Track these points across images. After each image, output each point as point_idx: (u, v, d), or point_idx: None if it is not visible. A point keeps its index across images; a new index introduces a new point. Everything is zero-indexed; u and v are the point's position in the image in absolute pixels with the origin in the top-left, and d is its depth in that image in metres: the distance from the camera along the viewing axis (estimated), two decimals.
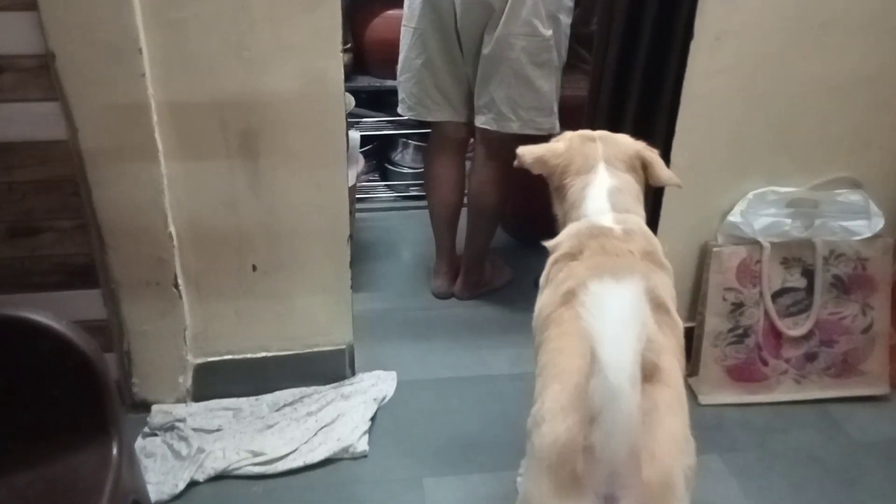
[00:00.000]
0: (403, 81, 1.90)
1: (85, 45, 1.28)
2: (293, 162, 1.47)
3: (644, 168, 1.19)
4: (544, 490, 0.80)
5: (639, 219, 1.14)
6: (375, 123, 2.65)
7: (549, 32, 1.71)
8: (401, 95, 1.94)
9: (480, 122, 1.83)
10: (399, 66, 1.91)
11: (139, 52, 1.31)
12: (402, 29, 1.87)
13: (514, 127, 1.77)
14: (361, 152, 2.53)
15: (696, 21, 1.48)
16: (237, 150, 1.44)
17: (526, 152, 1.20)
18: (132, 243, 1.45)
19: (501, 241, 2.36)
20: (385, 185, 2.75)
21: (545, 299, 1.05)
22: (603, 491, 0.76)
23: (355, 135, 2.34)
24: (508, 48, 1.70)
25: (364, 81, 2.55)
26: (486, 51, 1.74)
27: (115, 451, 0.90)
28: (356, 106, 2.42)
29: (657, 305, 0.95)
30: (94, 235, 1.43)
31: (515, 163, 1.22)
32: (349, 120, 2.37)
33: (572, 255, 1.06)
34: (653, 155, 1.19)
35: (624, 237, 1.06)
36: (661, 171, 1.19)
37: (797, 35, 1.53)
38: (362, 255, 2.31)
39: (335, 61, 1.39)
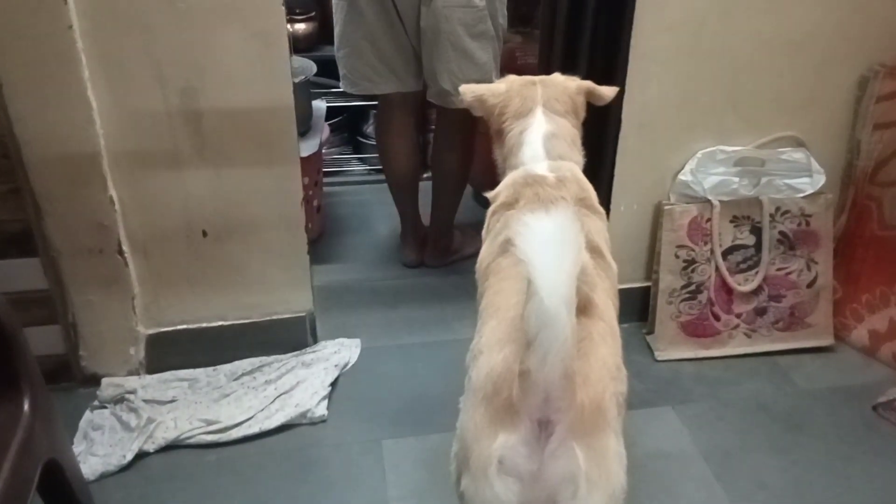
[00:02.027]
0: (343, 57, 1.73)
1: None
2: (239, 120, 1.32)
3: (588, 101, 1.15)
4: (479, 420, 0.74)
5: (573, 165, 1.08)
6: (346, 95, 2.44)
7: (482, 2, 1.58)
8: (342, 71, 1.76)
9: (429, 95, 1.72)
10: (336, 41, 1.73)
11: (64, 2, 1.15)
12: (334, 2, 1.69)
13: (457, 102, 1.65)
14: (331, 124, 2.36)
15: None
16: (178, 108, 1.28)
17: (467, 90, 1.15)
18: (70, 208, 1.29)
19: (472, 209, 2.21)
20: (357, 158, 2.57)
21: (485, 251, 1.02)
22: (537, 416, 0.71)
23: (321, 104, 2.17)
24: (444, 20, 1.57)
25: (332, 51, 2.33)
26: (423, 23, 1.61)
27: (26, 407, 0.77)
28: (325, 77, 2.22)
29: (591, 248, 0.91)
30: (28, 200, 1.27)
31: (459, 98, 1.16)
32: (314, 90, 2.21)
33: (509, 205, 1.02)
34: (590, 83, 1.16)
35: (557, 184, 1.02)
36: (602, 91, 1.16)
37: None
38: (334, 228, 2.16)
39: (277, 15, 1.26)
